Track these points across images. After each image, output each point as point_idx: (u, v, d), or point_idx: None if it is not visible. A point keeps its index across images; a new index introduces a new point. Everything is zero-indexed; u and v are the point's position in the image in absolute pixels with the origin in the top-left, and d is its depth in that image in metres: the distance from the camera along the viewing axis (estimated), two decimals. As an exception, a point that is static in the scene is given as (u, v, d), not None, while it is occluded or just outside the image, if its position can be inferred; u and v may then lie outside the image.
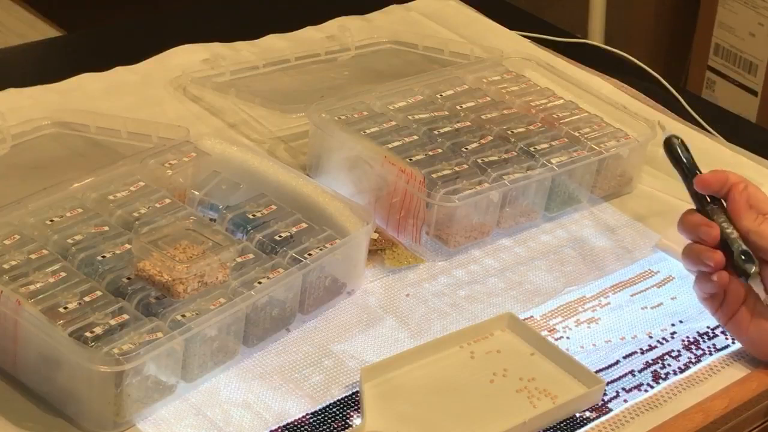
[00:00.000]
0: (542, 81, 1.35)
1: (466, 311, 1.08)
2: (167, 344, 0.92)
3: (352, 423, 0.95)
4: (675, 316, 1.10)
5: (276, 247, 1.03)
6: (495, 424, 0.94)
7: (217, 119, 1.30)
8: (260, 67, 1.37)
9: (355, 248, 1.07)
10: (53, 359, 0.91)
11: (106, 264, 0.98)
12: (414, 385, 0.98)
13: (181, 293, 0.96)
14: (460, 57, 1.42)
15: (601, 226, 1.21)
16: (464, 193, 1.12)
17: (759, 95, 2.33)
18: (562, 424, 0.97)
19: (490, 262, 1.15)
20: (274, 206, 1.08)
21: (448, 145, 1.18)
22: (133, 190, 1.07)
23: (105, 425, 0.91)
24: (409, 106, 1.25)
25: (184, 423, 0.94)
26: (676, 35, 2.53)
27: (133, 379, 0.90)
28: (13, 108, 1.24)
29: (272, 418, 0.95)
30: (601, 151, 1.22)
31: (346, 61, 1.42)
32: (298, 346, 1.02)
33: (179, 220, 1.03)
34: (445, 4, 1.59)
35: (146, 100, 1.31)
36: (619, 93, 1.42)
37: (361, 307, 1.07)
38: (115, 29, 1.56)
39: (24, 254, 0.97)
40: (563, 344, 1.05)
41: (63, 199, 1.04)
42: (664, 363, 1.04)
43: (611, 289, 1.13)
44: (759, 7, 2.29)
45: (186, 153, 1.12)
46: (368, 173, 1.16)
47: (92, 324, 0.92)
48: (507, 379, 0.99)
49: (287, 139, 1.28)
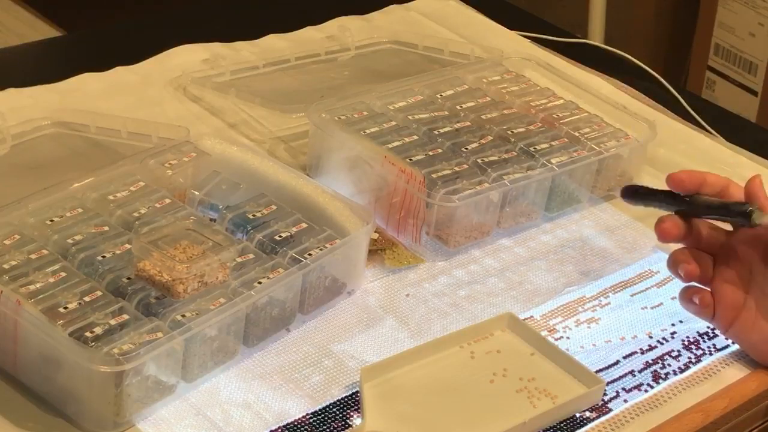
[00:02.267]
0: (542, 81, 1.35)
1: (466, 311, 1.08)
2: (167, 344, 0.92)
3: (352, 423, 0.95)
4: (675, 316, 1.10)
5: (276, 247, 1.03)
6: (495, 424, 0.94)
7: (217, 119, 1.30)
8: (260, 67, 1.37)
9: (355, 248, 1.07)
10: (53, 359, 0.91)
11: (106, 264, 0.98)
12: (414, 385, 0.98)
13: (181, 293, 0.96)
14: (460, 57, 1.42)
15: (601, 226, 1.21)
16: (464, 193, 1.12)
17: (759, 95, 2.33)
18: (562, 424, 0.97)
19: (490, 262, 1.15)
20: (274, 206, 1.08)
21: (448, 145, 1.18)
22: (133, 190, 1.07)
23: (105, 425, 0.91)
24: (409, 106, 1.25)
25: (184, 423, 0.94)
26: (676, 35, 2.54)
27: (133, 379, 0.90)
28: (13, 108, 1.24)
29: (272, 418, 0.95)
30: (601, 151, 1.22)
31: (346, 61, 1.42)
32: (298, 346, 1.02)
33: (179, 220, 1.03)
34: (445, 4, 1.59)
35: (146, 100, 1.31)
36: (619, 93, 1.42)
37: (361, 307, 1.07)
38: (115, 29, 1.56)
39: (24, 254, 0.97)
40: (563, 344, 1.05)
41: (63, 199, 1.04)
42: (664, 363, 1.04)
43: (611, 289, 1.13)
44: (759, 7, 2.29)
45: (186, 153, 1.12)
46: (368, 173, 1.16)
47: (92, 324, 0.92)
48: (507, 379, 0.99)
49: (287, 139, 1.28)
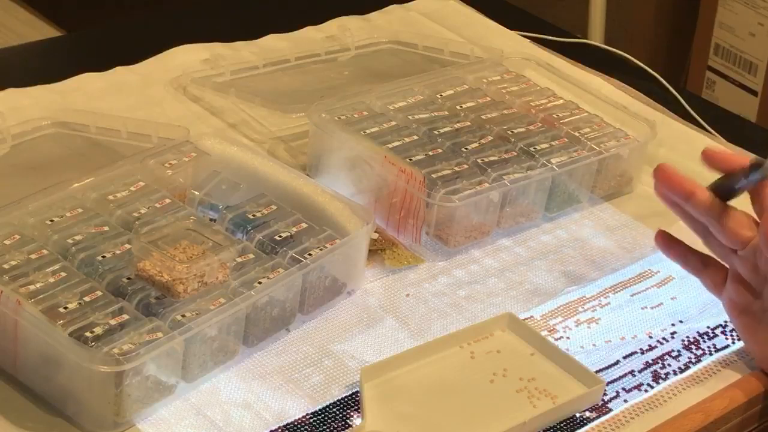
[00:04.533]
0: (542, 81, 1.35)
1: (466, 311, 1.08)
2: (167, 344, 0.92)
3: (352, 423, 0.95)
4: (675, 316, 1.10)
5: (276, 247, 1.03)
6: (495, 424, 0.94)
7: (217, 119, 1.30)
8: (260, 67, 1.37)
9: (355, 248, 1.07)
10: (53, 359, 0.91)
11: (106, 264, 0.98)
12: (414, 385, 0.98)
13: (181, 293, 0.96)
14: (460, 57, 1.42)
15: (601, 226, 1.21)
16: (464, 193, 1.12)
17: (759, 95, 2.33)
18: (562, 424, 0.97)
19: (490, 262, 1.15)
20: (274, 206, 1.08)
21: (448, 145, 1.18)
22: (133, 190, 1.07)
23: (105, 425, 0.91)
24: (409, 106, 1.25)
25: (184, 423, 0.94)
26: (676, 35, 2.53)
27: (133, 379, 0.90)
28: (13, 108, 1.24)
29: (272, 418, 0.95)
30: (601, 151, 1.22)
31: (346, 61, 1.42)
32: (298, 346, 1.02)
33: (179, 220, 1.03)
34: (445, 4, 1.59)
35: (146, 100, 1.31)
36: (619, 93, 1.42)
37: (361, 307, 1.07)
38: (115, 29, 1.56)
39: (24, 254, 0.97)
40: (563, 344, 1.05)
41: (63, 199, 1.04)
42: (664, 363, 1.04)
43: (611, 289, 1.13)
44: (759, 7, 2.29)
45: (186, 153, 1.12)
46: (368, 173, 1.16)
47: (92, 324, 0.92)
48: (507, 379, 0.99)
49: (287, 139, 1.28)
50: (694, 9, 2.43)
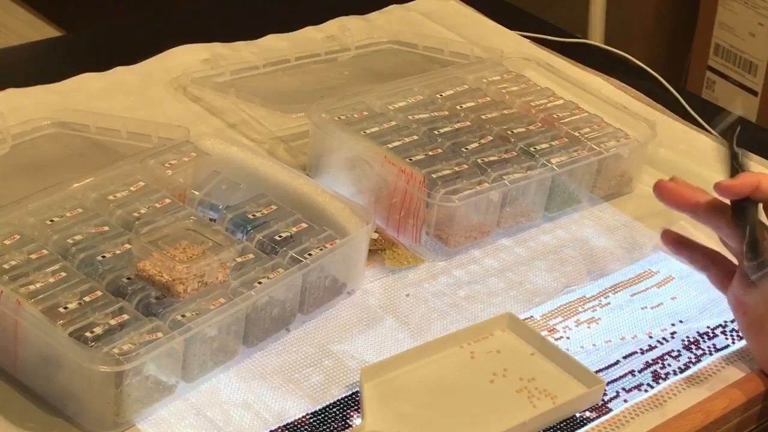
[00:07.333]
0: (542, 81, 1.35)
1: (466, 311, 1.08)
2: (167, 344, 0.92)
3: (352, 423, 0.95)
4: (675, 316, 1.10)
5: (276, 247, 1.03)
6: (495, 424, 0.94)
7: (217, 119, 1.30)
8: (260, 67, 1.37)
9: (355, 248, 1.07)
10: (53, 359, 0.91)
11: (106, 264, 0.98)
12: (414, 385, 0.98)
13: (181, 293, 0.96)
14: (460, 57, 1.42)
15: (601, 226, 1.21)
16: (464, 193, 1.12)
17: (759, 95, 2.33)
18: (562, 424, 0.97)
19: (490, 262, 1.15)
20: (274, 206, 1.08)
21: (448, 145, 1.18)
22: (133, 190, 1.07)
23: (105, 425, 0.91)
24: (409, 106, 1.25)
25: (184, 423, 0.94)
26: (676, 35, 2.53)
27: (133, 379, 0.90)
28: (13, 108, 1.24)
29: (272, 418, 0.95)
30: (601, 151, 1.22)
31: (346, 61, 1.42)
32: (298, 346, 1.02)
33: (179, 220, 1.03)
34: (445, 4, 1.59)
35: (146, 100, 1.31)
36: (619, 93, 1.42)
37: (361, 307, 1.07)
38: (115, 29, 1.56)
39: (24, 254, 0.97)
40: (563, 344, 1.05)
41: (63, 199, 1.04)
42: (664, 363, 1.04)
43: (611, 289, 1.13)
44: (759, 7, 2.29)
45: (186, 153, 1.12)
46: (368, 173, 1.16)
47: (92, 324, 0.92)
48: (507, 379, 0.99)
49: (287, 139, 1.28)
50: (694, 9, 2.43)
